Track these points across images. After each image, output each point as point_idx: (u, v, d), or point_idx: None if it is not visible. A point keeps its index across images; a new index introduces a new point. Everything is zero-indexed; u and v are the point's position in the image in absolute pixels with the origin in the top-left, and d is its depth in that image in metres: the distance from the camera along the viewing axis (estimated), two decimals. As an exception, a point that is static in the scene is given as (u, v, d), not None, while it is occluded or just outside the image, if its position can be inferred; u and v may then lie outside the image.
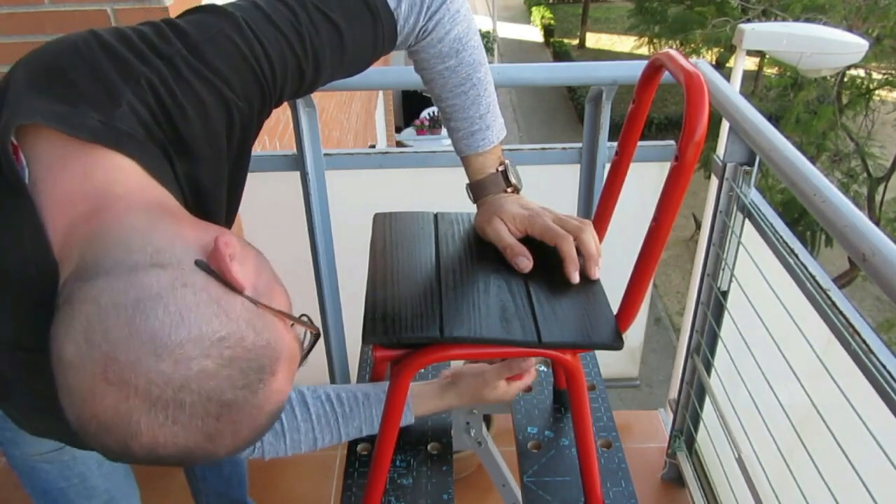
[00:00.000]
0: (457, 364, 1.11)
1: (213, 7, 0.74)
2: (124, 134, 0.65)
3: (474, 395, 1.05)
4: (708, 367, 1.57)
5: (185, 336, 0.53)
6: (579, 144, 1.71)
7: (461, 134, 0.94)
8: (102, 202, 0.62)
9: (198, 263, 0.57)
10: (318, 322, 1.87)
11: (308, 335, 0.66)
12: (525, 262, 0.90)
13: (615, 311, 0.87)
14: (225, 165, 0.77)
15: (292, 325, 0.63)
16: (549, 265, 0.91)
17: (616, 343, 0.84)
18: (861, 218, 0.95)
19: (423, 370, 1.23)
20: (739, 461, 1.38)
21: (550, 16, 20.81)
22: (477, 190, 0.98)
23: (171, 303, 0.54)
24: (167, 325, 0.53)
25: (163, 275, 0.55)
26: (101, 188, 0.63)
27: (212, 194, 0.76)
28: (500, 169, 0.96)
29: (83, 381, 0.53)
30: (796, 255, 1.18)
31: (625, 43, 17.43)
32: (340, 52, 0.80)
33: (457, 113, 0.94)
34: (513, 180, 0.96)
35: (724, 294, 1.48)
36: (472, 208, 1.07)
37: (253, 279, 0.60)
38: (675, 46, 10.69)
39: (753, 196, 1.37)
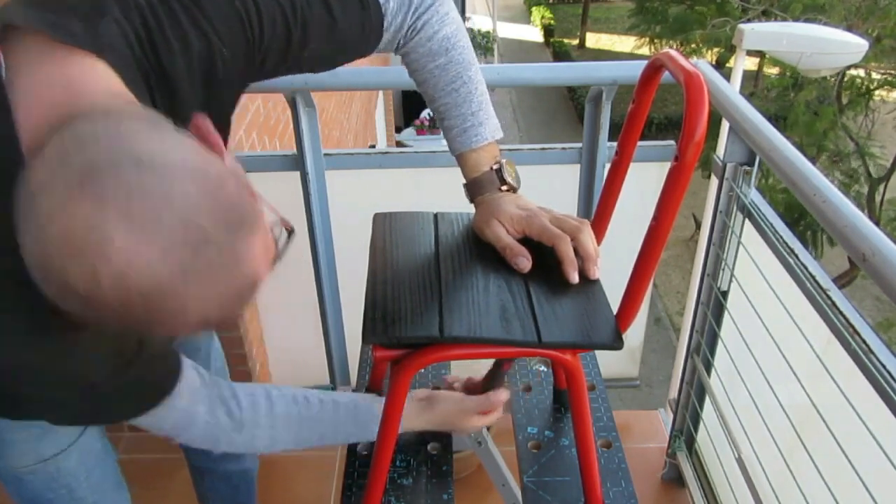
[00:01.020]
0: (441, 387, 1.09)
1: None
2: (106, 43, 0.65)
3: (448, 422, 1.03)
4: (708, 367, 1.57)
5: (170, 159, 0.52)
6: (579, 144, 1.71)
7: (455, 132, 0.95)
8: (77, 100, 0.61)
9: (177, 128, 0.57)
10: (318, 322, 1.87)
11: (283, 234, 0.69)
12: (524, 262, 0.90)
13: (615, 311, 0.87)
14: (197, 104, 0.76)
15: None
16: (548, 265, 0.91)
17: (616, 343, 0.84)
18: (861, 218, 0.95)
19: (422, 370, 1.24)
20: (739, 461, 1.38)
21: (550, 16, 20.81)
22: (473, 188, 0.98)
23: (155, 133, 0.53)
24: (153, 146, 0.52)
25: (144, 117, 0.55)
26: (77, 88, 0.62)
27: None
28: (495, 167, 0.96)
29: (53, 199, 0.50)
30: (796, 255, 1.18)
31: (625, 43, 17.44)
32: (329, 29, 0.82)
33: (449, 111, 0.94)
34: (508, 179, 0.96)
35: (724, 294, 1.48)
36: (472, 208, 1.07)
37: (235, 166, 0.61)
38: (675, 46, 10.69)
39: (753, 196, 1.37)
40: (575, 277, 0.88)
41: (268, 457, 1.88)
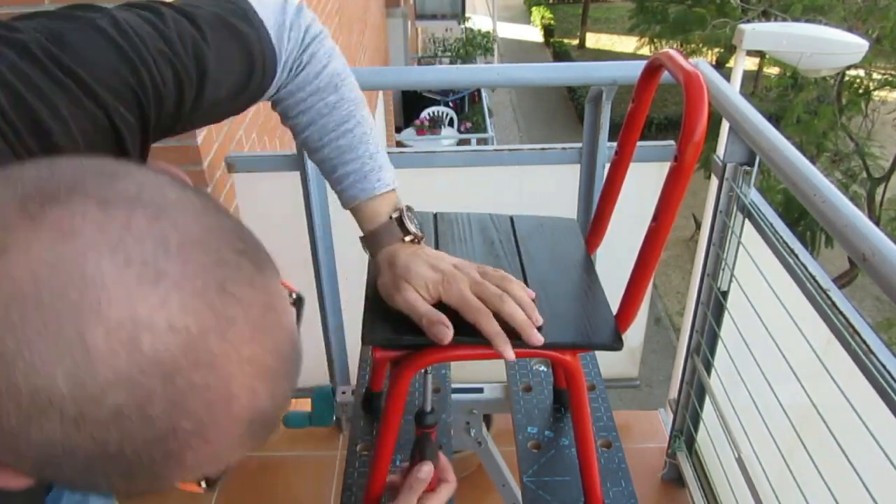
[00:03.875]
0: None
1: (77, 3, 0.59)
2: None
3: None
4: (708, 367, 1.57)
5: (141, 170, 0.38)
6: (579, 144, 1.71)
7: (352, 179, 0.83)
8: None
9: None
10: (318, 322, 1.87)
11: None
12: (445, 332, 0.77)
13: (615, 312, 0.87)
14: None
15: None
16: (548, 265, 0.91)
17: (616, 343, 0.84)
18: (861, 218, 0.95)
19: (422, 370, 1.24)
20: (739, 461, 1.38)
21: (550, 16, 20.82)
22: (372, 242, 0.85)
23: (114, 163, 0.39)
24: (107, 161, 0.38)
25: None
26: None
27: None
28: (395, 216, 0.84)
29: None
30: (796, 255, 1.18)
31: (625, 43, 17.45)
32: (221, 86, 0.67)
33: (344, 155, 0.82)
34: (412, 228, 0.84)
35: (724, 294, 1.47)
36: (471, 208, 1.07)
37: None
38: (675, 47, 10.70)
39: (753, 196, 1.37)
40: (510, 353, 0.78)
41: (267, 457, 1.88)
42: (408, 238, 0.84)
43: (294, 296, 0.50)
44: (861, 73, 9.36)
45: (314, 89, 0.79)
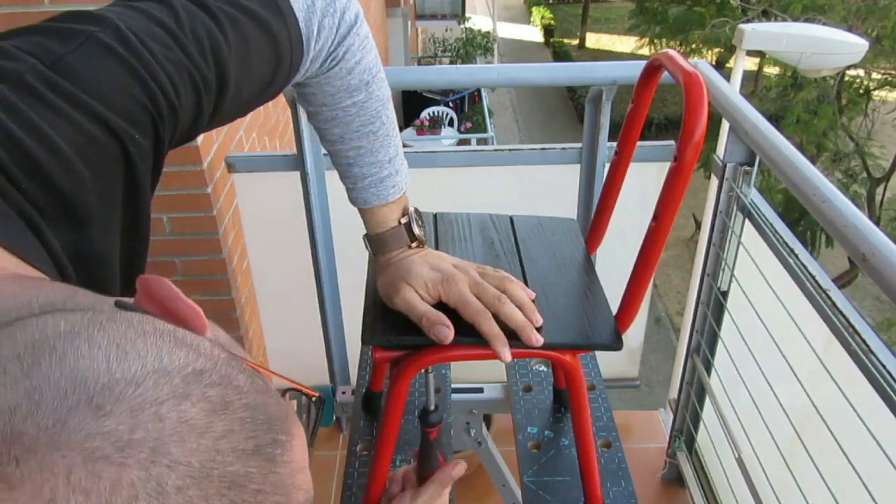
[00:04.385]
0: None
1: (77, 12, 0.53)
2: None
3: None
4: (708, 367, 1.57)
5: (137, 370, 0.31)
6: (579, 144, 1.71)
7: (368, 181, 0.81)
8: None
9: (120, 305, 0.37)
10: (317, 322, 1.87)
11: (306, 403, 0.48)
12: (446, 332, 0.77)
13: (615, 312, 0.87)
14: (117, 223, 0.53)
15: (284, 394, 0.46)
16: (548, 265, 0.91)
17: (615, 344, 0.84)
18: (861, 218, 0.95)
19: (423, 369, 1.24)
20: (739, 461, 1.38)
21: (550, 16, 20.84)
22: (376, 243, 0.85)
23: (96, 336, 0.32)
24: (100, 360, 0.31)
25: (70, 316, 0.33)
26: None
27: (103, 264, 0.53)
28: (404, 221, 0.83)
29: None
30: (796, 255, 1.18)
31: (625, 43, 17.46)
32: (242, 86, 0.62)
33: (364, 157, 0.80)
34: (417, 232, 0.84)
35: (724, 294, 1.48)
36: (472, 208, 1.07)
37: (211, 332, 0.38)
38: (675, 47, 10.71)
39: (753, 196, 1.37)
40: (507, 355, 0.78)
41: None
42: (414, 244, 0.84)
43: (313, 399, 0.47)
44: (861, 72, 9.36)
45: (344, 85, 0.75)
